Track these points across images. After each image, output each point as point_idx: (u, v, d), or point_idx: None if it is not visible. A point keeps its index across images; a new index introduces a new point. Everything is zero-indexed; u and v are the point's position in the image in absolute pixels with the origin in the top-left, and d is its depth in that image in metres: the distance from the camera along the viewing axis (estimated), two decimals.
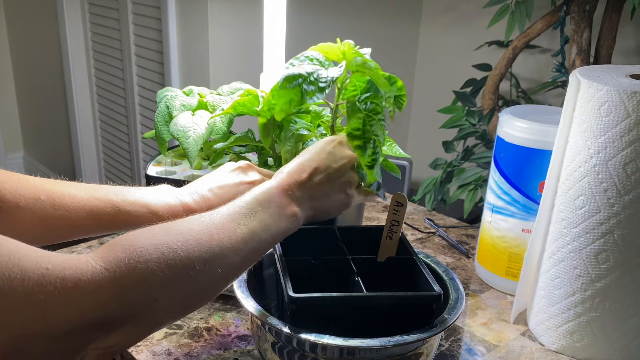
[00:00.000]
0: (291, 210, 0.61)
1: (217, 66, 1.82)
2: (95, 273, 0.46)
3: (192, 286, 0.52)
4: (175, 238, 0.51)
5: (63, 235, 0.67)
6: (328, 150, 0.67)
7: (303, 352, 0.60)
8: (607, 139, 0.66)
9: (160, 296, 0.49)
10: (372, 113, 0.69)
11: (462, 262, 0.96)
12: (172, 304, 0.51)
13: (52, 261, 0.44)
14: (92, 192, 0.67)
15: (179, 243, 0.51)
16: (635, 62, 1.54)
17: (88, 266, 0.46)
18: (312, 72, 0.68)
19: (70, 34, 2.48)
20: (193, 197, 0.70)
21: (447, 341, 0.76)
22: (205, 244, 0.52)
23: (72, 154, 2.75)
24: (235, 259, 0.55)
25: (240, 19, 1.79)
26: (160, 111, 0.89)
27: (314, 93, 0.67)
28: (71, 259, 0.46)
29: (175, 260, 0.50)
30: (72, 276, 0.44)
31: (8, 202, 0.62)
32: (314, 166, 0.65)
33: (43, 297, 0.42)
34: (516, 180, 0.82)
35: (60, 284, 0.43)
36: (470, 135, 1.63)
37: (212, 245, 0.53)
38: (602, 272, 0.69)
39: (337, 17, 1.95)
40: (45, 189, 0.65)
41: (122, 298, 0.46)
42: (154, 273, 0.48)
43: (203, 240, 0.53)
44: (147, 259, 0.48)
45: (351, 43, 0.70)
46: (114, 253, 0.48)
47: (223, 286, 0.56)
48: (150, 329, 0.51)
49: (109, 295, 0.46)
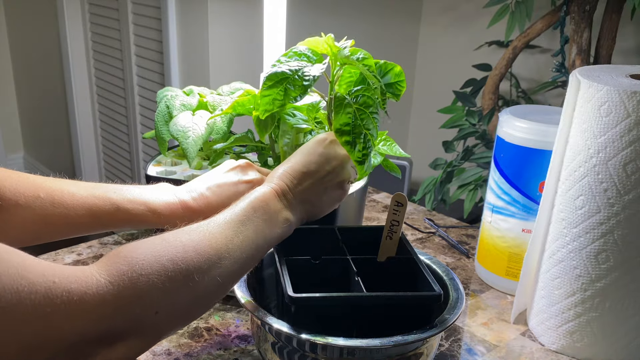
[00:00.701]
0: (284, 216, 0.62)
1: (217, 66, 1.82)
2: (100, 286, 0.46)
3: (192, 296, 0.52)
4: (175, 249, 0.51)
5: (62, 233, 0.67)
6: (319, 152, 0.66)
7: (303, 352, 0.60)
8: (607, 139, 0.66)
9: (161, 308, 0.49)
10: (363, 107, 0.68)
11: (462, 262, 0.96)
12: (173, 315, 0.51)
13: (58, 274, 0.44)
14: (92, 190, 0.67)
15: (179, 254, 0.51)
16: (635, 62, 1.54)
17: (93, 279, 0.46)
18: (298, 69, 0.68)
19: (70, 34, 2.48)
20: (192, 195, 0.70)
21: (447, 341, 0.76)
22: (204, 254, 0.53)
23: (72, 154, 2.75)
24: (233, 267, 0.55)
25: (240, 19, 1.79)
26: (160, 111, 0.89)
27: (298, 92, 0.67)
28: (76, 271, 0.46)
29: (175, 272, 0.50)
30: (78, 289, 0.44)
31: (8, 200, 0.62)
32: (304, 171, 0.65)
33: (50, 309, 0.42)
34: (516, 180, 0.82)
35: (67, 297, 0.44)
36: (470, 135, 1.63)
37: (210, 255, 0.53)
38: (602, 272, 0.69)
39: (337, 17, 1.95)
40: (45, 187, 0.65)
41: (125, 311, 0.47)
42: (155, 286, 0.49)
43: (202, 250, 0.53)
44: (149, 271, 0.49)
45: (331, 36, 0.70)
46: (117, 266, 0.48)
47: (222, 294, 0.57)
48: (153, 340, 0.51)
49: (113, 308, 0.46)
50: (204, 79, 1.86)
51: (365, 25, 2.02)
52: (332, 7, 1.94)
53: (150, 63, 2.11)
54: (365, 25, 2.02)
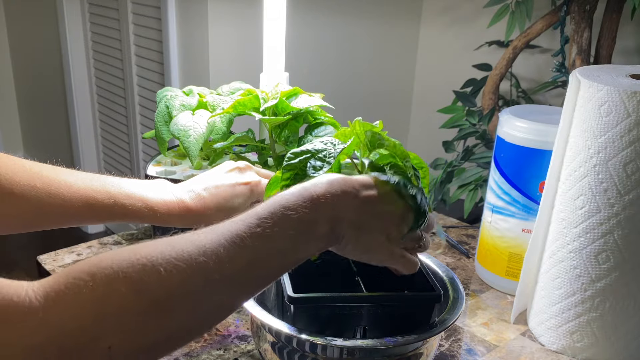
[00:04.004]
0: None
1: (217, 66, 1.82)
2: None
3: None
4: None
5: (56, 223, 0.66)
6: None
7: (303, 352, 0.60)
8: (607, 139, 0.66)
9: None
10: (403, 176, 0.65)
11: (462, 262, 0.96)
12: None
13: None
14: (90, 182, 0.66)
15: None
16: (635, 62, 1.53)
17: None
18: (321, 149, 0.63)
19: (70, 34, 2.48)
20: (190, 195, 0.70)
21: (447, 341, 0.76)
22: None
23: (72, 154, 2.75)
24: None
25: (240, 19, 1.79)
26: (160, 111, 0.89)
27: (321, 168, 0.61)
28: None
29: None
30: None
31: (2, 189, 0.61)
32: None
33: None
34: (516, 180, 0.82)
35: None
36: (470, 135, 1.62)
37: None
38: (602, 272, 0.69)
39: (337, 17, 1.95)
40: (42, 176, 0.63)
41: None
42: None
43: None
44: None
45: (360, 119, 0.65)
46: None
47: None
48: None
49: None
50: (204, 79, 1.86)
51: (365, 25, 2.02)
52: (332, 7, 1.94)
53: (150, 63, 2.11)
54: (365, 25, 2.02)
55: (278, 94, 0.84)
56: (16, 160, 0.64)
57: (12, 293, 0.39)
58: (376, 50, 2.08)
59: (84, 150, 2.70)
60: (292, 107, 0.83)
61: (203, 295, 0.45)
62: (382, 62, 2.10)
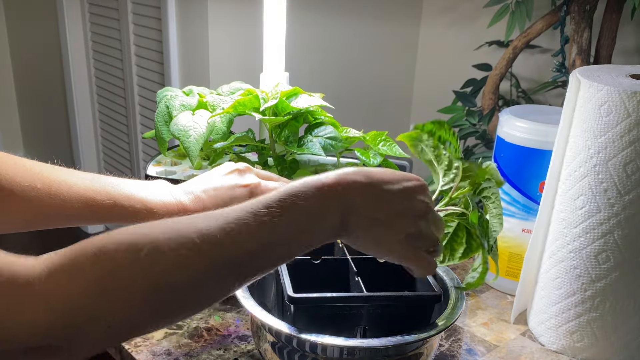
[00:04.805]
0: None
1: (217, 66, 1.82)
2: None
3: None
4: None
5: (56, 223, 0.66)
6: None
7: (303, 352, 0.60)
8: (607, 139, 0.66)
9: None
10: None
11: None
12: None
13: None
14: (90, 183, 0.66)
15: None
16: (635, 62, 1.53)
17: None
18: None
19: (70, 34, 2.48)
20: (189, 197, 0.70)
21: (447, 341, 0.76)
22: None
23: (72, 154, 2.75)
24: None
25: (240, 19, 1.79)
26: (160, 111, 0.88)
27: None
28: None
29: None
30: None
31: (2, 189, 0.61)
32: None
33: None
34: (516, 180, 0.82)
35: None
36: (470, 135, 1.62)
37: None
38: (602, 272, 0.69)
39: (337, 17, 1.95)
40: (42, 176, 0.64)
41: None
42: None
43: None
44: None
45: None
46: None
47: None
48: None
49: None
50: (204, 79, 1.86)
51: (365, 25, 2.02)
52: (332, 7, 1.94)
53: (150, 63, 2.11)
54: (365, 25, 2.02)
55: (278, 94, 0.83)
56: (17, 160, 0.64)
57: (18, 269, 0.41)
58: (376, 50, 2.08)
59: (84, 150, 2.70)
60: (292, 107, 0.83)
61: (205, 281, 0.46)
62: (382, 62, 2.10)
